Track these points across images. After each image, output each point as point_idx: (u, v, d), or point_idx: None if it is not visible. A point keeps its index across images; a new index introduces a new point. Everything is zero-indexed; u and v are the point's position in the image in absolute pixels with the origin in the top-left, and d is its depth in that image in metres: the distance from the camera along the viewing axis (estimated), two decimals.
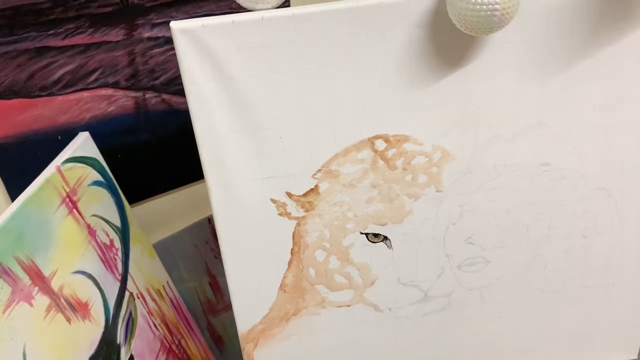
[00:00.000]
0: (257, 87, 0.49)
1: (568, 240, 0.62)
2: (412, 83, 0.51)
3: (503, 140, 0.55)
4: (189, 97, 0.49)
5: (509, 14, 0.43)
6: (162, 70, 0.72)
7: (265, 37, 0.47)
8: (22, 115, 0.64)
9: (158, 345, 0.70)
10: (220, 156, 0.52)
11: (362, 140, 0.53)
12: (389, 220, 0.57)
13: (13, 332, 0.45)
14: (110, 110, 0.70)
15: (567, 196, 0.59)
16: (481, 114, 0.54)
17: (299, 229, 0.57)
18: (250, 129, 0.51)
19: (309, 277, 0.59)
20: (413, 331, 0.65)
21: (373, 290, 0.61)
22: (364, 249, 0.58)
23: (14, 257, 0.47)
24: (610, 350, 0.70)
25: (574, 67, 0.53)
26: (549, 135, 0.56)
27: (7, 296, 0.45)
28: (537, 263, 0.62)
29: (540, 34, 0.51)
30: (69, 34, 0.64)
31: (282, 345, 0.63)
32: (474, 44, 0.50)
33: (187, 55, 0.47)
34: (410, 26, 0.49)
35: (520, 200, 0.58)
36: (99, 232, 0.62)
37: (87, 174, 0.62)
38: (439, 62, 0.51)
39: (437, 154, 0.55)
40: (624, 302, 0.66)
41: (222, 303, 0.92)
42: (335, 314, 0.62)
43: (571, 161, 0.57)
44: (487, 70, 0.52)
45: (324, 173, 0.54)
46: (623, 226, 0.61)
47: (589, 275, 0.64)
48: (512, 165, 0.56)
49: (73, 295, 0.54)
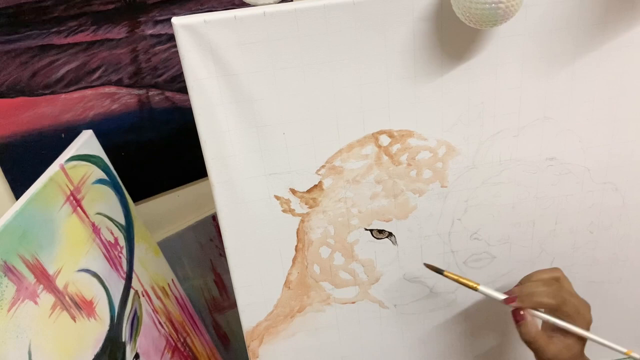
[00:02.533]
0: (260, 83, 0.49)
1: (574, 235, 0.61)
2: (416, 77, 0.51)
3: (508, 135, 0.55)
4: (192, 93, 0.49)
5: (513, 6, 0.42)
6: (165, 67, 0.72)
7: (267, 32, 0.47)
8: (26, 113, 0.64)
9: (163, 343, 0.70)
10: (223, 153, 0.52)
11: (366, 136, 0.53)
12: (393, 216, 0.57)
13: (18, 331, 0.45)
14: (114, 108, 0.70)
15: (573, 191, 0.58)
16: (486, 109, 0.53)
17: (303, 226, 0.56)
18: (253, 125, 0.51)
19: (314, 273, 0.59)
20: (418, 328, 0.64)
21: (378, 286, 0.61)
22: (369, 245, 0.58)
23: (18, 256, 0.47)
24: (617, 345, 0.70)
25: (579, 60, 0.52)
26: (554, 129, 0.55)
27: (12, 294, 0.45)
28: (543, 258, 0.61)
29: (545, 26, 0.50)
30: (72, 32, 0.64)
31: (287, 342, 0.63)
32: (478, 37, 0.50)
33: (189, 51, 0.47)
34: (414, 20, 0.48)
35: (525, 195, 0.58)
36: (104, 230, 0.62)
37: (91, 172, 0.62)
38: (443, 56, 0.50)
39: (441, 149, 0.54)
40: (630, 298, 0.66)
41: (227, 300, 0.92)
42: (340, 310, 0.62)
43: (577, 155, 0.57)
44: (492, 63, 0.51)
45: (327, 169, 0.54)
46: (630, 220, 0.61)
47: (595, 271, 0.64)
48: (517, 160, 0.56)
49: (78, 294, 0.54)
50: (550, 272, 0.54)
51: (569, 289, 0.53)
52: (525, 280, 0.55)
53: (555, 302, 0.51)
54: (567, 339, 0.52)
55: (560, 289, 0.52)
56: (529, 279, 0.55)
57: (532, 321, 0.52)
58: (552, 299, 0.51)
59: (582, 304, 0.52)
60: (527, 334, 0.52)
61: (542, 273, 0.54)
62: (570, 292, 0.52)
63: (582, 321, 0.51)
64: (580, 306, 0.52)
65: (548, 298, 0.51)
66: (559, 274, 0.54)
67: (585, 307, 0.52)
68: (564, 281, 0.54)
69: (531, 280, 0.54)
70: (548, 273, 0.54)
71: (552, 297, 0.51)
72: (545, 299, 0.51)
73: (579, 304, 0.52)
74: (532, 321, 0.52)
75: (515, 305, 0.52)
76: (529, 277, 0.55)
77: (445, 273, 0.56)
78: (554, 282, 0.53)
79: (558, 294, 0.51)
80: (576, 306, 0.51)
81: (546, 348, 0.51)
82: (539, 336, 0.51)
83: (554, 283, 0.52)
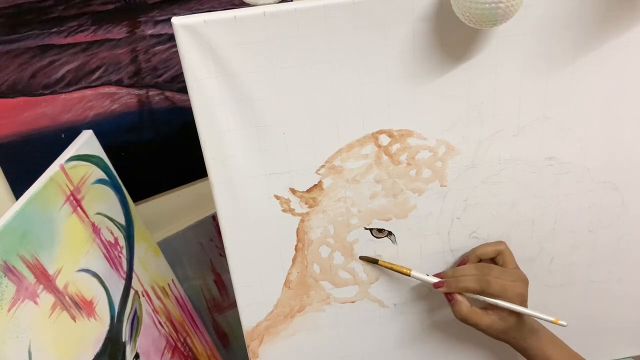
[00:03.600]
0: (260, 83, 0.49)
1: (573, 234, 0.61)
2: (415, 77, 0.51)
3: (508, 134, 0.55)
4: (192, 93, 0.49)
5: (513, 6, 0.42)
6: (165, 67, 0.72)
7: (267, 32, 0.47)
8: (26, 113, 0.64)
9: (163, 343, 0.70)
10: (223, 153, 0.52)
11: (365, 136, 0.53)
12: (393, 216, 0.57)
13: (18, 330, 0.45)
14: (114, 108, 0.70)
15: (572, 190, 0.59)
16: (485, 108, 0.53)
17: (303, 225, 0.57)
18: (253, 125, 0.51)
19: (314, 273, 0.59)
20: (418, 327, 0.64)
21: (378, 285, 0.61)
22: (369, 244, 0.58)
23: (18, 256, 0.47)
24: (617, 345, 0.70)
25: (579, 60, 0.52)
26: (554, 128, 0.55)
27: (12, 294, 0.45)
28: (542, 257, 0.61)
29: (545, 26, 0.50)
30: (72, 32, 0.64)
31: (287, 342, 0.63)
32: (478, 37, 0.50)
33: (189, 51, 0.47)
34: (414, 20, 0.48)
35: (525, 194, 0.58)
36: (104, 230, 0.62)
37: (91, 172, 0.62)
38: (443, 55, 0.50)
39: (441, 149, 0.55)
40: (630, 297, 0.66)
41: (227, 300, 0.92)
42: (340, 310, 0.62)
43: (576, 155, 0.57)
44: (491, 63, 0.51)
45: (327, 169, 0.54)
46: (629, 220, 0.61)
47: (594, 270, 0.64)
48: (516, 159, 0.56)
49: (78, 294, 0.54)
50: (494, 245, 0.58)
51: (506, 265, 0.57)
52: (468, 255, 0.59)
53: (479, 286, 0.55)
54: (501, 311, 0.56)
55: (489, 271, 0.56)
56: (471, 254, 0.59)
57: (462, 300, 0.56)
58: (475, 284, 0.55)
59: (512, 280, 0.56)
60: (458, 312, 0.56)
61: (486, 247, 0.59)
62: (500, 272, 0.56)
63: (512, 296, 0.55)
64: (507, 284, 0.55)
65: (472, 283, 0.55)
66: (502, 247, 0.58)
67: (516, 283, 0.56)
68: (505, 255, 0.58)
69: (474, 254, 0.58)
70: (491, 247, 0.58)
71: (476, 282, 0.55)
72: (469, 284, 0.56)
73: (508, 282, 0.55)
74: (461, 300, 0.56)
75: (443, 290, 0.57)
76: (472, 252, 0.59)
77: (380, 262, 0.58)
78: (484, 265, 0.57)
79: (483, 279, 0.55)
80: (502, 285, 0.55)
81: (479, 322, 0.56)
82: (470, 313, 0.56)
83: (484, 266, 0.57)
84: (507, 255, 0.58)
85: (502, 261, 0.58)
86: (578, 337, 0.59)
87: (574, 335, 0.59)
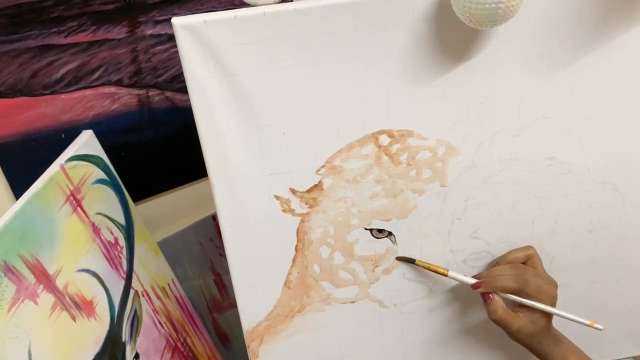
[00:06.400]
0: (260, 83, 0.49)
1: (574, 234, 0.61)
2: (415, 77, 0.51)
3: (508, 135, 0.55)
4: (192, 93, 0.49)
5: (513, 6, 0.42)
6: (165, 67, 0.72)
7: (267, 32, 0.47)
8: (26, 113, 0.64)
9: (163, 343, 0.70)
10: (223, 153, 0.52)
11: (365, 136, 0.53)
12: (393, 216, 0.57)
13: (18, 331, 0.44)
14: (114, 108, 0.70)
15: (573, 190, 0.59)
16: (486, 108, 0.53)
17: (303, 226, 0.57)
18: (253, 125, 0.51)
19: (314, 273, 0.59)
20: (418, 327, 0.64)
21: (378, 286, 0.61)
22: (369, 244, 0.58)
23: (18, 256, 0.47)
24: (617, 345, 0.70)
25: (579, 60, 0.52)
26: (554, 129, 0.55)
27: (12, 294, 0.45)
28: (543, 257, 0.61)
29: (545, 26, 0.50)
30: (72, 32, 0.64)
31: (287, 342, 0.63)
32: (478, 37, 0.50)
33: (189, 51, 0.47)
34: (414, 20, 0.48)
35: (525, 194, 0.58)
36: (104, 230, 0.62)
37: (91, 172, 0.62)
38: (443, 55, 0.50)
39: (441, 149, 0.55)
40: (630, 297, 0.66)
41: (227, 300, 0.92)
42: (340, 310, 0.62)
43: (576, 155, 0.57)
44: (492, 63, 0.51)
45: (327, 169, 0.54)
46: (629, 220, 0.61)
47: (595, 270, 0.64)
48: (517, 160, 0.56)
49: (78, 294, 0.54)
50: (523, 250, 0.59)
51: (536, 269, 0.58)
52: (499, 261, 0.60)
53: (518, 285, 0.55)
54: (532, 314, 0.56)
55: (524, 271, 0.56)
56: (502, 259, 0.60)
57: (498, 301, 0.56)
58: (514, 283, 0.55)
59: (546, 282, 0.56)
60: (493, 312, 0.56)
61: (516, 252, 0.59)
62: (535, 273, 0.57)
63: (545, 298, 0.56)
64: (543, 285, 0.56)
65: (510, 282, 0.56)
66: (532, 252, 0.59)
67: (549, 285, 0.57)
68: (535, 259, 0.59)
69: (505, 260, 0.59)
70: (521, 252, 0.59)
71: (514, 281, 0.55)
72: (507, 284, 0.56)
73: (542, 283, 0.56)
74: (498, 301, 0.56)
75: (481, 290, 0.57)
76: (503, 258, 0.60)
77: (417, 262, 0.59)
78: (520, 265, 0.58)
79: (521, 278, 0.56)
80: (539, 286, 0.56)
81: (512, 323, 0.56)
82: (505, 314, 0.56)
83: (520, 266, 0.57)
84: (536, 259, 0.59)
85: (532, 265, 0.58)
86: (578, 337, 0.59)
87: (574, 335, 0.59)
